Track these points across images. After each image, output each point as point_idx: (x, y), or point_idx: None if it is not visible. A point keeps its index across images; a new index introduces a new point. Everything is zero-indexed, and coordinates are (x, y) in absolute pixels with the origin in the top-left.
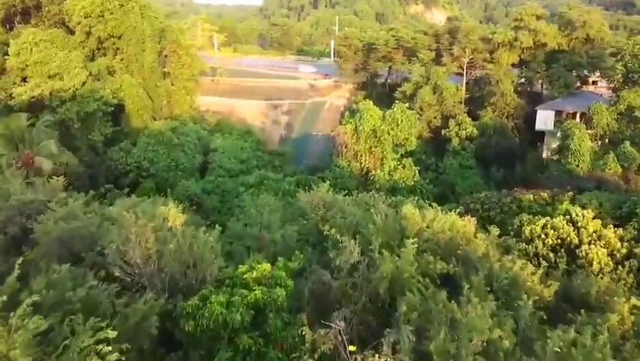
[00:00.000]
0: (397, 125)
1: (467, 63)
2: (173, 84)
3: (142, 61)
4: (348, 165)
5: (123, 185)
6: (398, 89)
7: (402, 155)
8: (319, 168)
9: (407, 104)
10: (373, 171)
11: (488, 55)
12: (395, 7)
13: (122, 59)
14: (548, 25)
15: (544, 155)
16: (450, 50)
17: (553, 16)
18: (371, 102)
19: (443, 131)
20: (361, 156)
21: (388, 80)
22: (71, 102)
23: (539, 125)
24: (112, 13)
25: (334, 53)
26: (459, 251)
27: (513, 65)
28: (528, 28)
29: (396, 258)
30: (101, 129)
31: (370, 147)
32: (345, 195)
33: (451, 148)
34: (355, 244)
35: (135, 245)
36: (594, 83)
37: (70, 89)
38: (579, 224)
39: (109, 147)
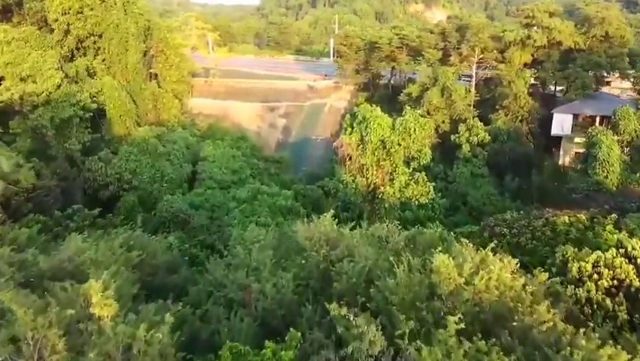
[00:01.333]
0: (410, 136)
1: (476, 63)
2: (160, 87)
3: (125, 61)
4: (353, 181)
5: (102, 199)
6: (403, 90)
7: (414, 169)
8: (319, 175)
9: (414, 108)
10: (382, 188)
11: (499, 54)
12: (395, 6)
13: (103, 60)
14: (564, 23)
15: (561, 162)
16: (458, 48)
17: (568, 13)
18: (378, 109)
19: (452, 137)
20: (368, 170)
21: (391, 81)
22: (44, 107)
23: (556, 129)
24: (92, 9)
25: (334, 53)
26: (515, 323)
27: (525, 65)
28: (541, 25)
29: (438, 354)
30: (79, 137)
31: (378, 160)
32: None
33: (462, 155)
34: (378, 330)
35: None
36: (607, 83)
37: (43, 92)
38: (639, 261)
39: (88, 157)
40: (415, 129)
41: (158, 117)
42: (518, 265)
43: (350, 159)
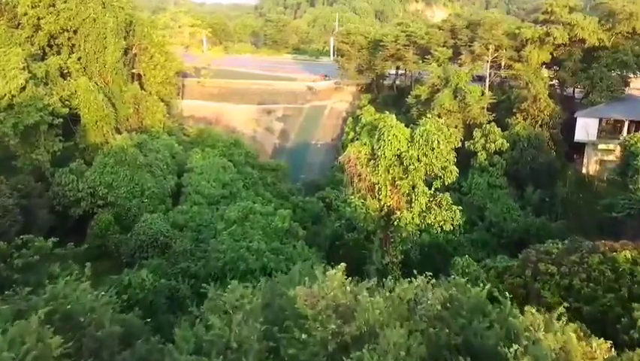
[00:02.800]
0: (432, 150)
1: (490, 62)
2: (143, 88)
3: (103, 60)
4: (363, 204)
5: (74, 217)
6: (411, 92)
7: (437, 189)
8: (319, 184)
9: (422, 111)
10: (398, 212)
11: (514, 52)
12: (395, 5)
13: (79, 59)
14: (586, 18)
15: (584, 170)
16: (470, 46)
17: (590, 8)
18: (393, 117)
19: (467, 144)
20: (380, 190)
21: (396, 82)
22: (6, 112)
23: (580, 135)
24: (65, 2)
25: (334, 52)
26: None
27: (543, 64)
28: (561, 21)
29: None
30: (48, 146)
31: (393, 179)
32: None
33: (477, 164)
34: None
35: None
36: (627, 84)
37: (5, 95)
38: None
39: (60, 168)
40: (438, 142)
41: (140, 123)
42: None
43: (359, 176)
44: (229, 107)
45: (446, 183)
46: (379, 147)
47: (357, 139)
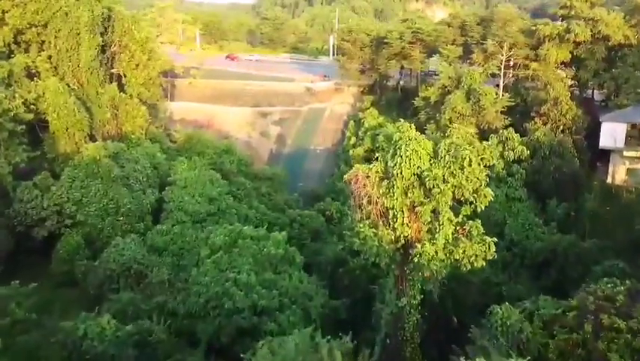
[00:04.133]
0: (461, 169)
1: (505, 61)
2: (123, 90)
3: (77, 59)
4: (375, 235)
5: (37, 239)
6: (419, 94)
7: (466, 217)
8: (319, 194)
9: (430, 114)
10: (418, 245)
11: (530, 51)
12: (395, 4)
13: (49, 57)
14: (610, 13)
15: (609, 180)
16: (482, 44)
17: (612, 3)
18: (412, 128)
19: None
20: (396, 217)
21: (401, 82)
22: None
23: (605, 141)
24: None
25: (334, 51)
26: None
27: (562, 63)
28: (581, 17)
29: None
30: (9, 156)
31: (413, 204)
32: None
33: (494, 174)
34: None
35: None
36: None
37: None
38: None
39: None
40: (469, 159)
41: (119, 129)
42: None
43: (369, 199)
44: (222, 110)
45: (478, 209)
46: (395, 165)
47: (360, 144)
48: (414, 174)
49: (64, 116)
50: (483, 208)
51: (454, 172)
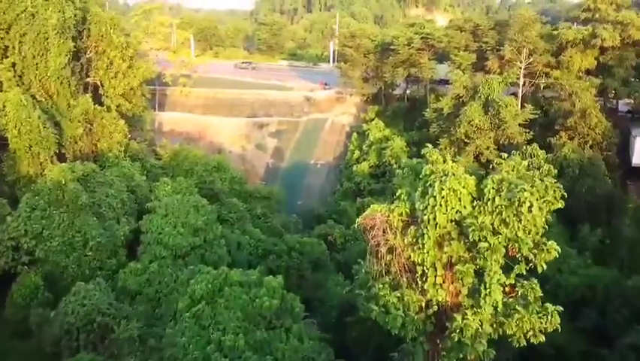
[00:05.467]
0: (517, 216)
1: (524, 69)
2: (100, 102)
3: (45, 67)
4: (399, 300)
5: None
6: (429, 105)
7: (520, 276)
8: (320, 214)
9: (442, 127)
10: (457, 315)
11: (552, 58)
12: (394, 10)
13: (13, 64)
14: None
15: None
16: (498, 50)
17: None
18: (448, 158)
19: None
20: (426, 275)
21: (407, 92)
22: None
23: (639, 158)
24: None
25: (334, 57)
26: None
27: (587, 71)
28: (607, 20)
29: None
30: None
31: (450, 260)
32: None
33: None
34: None
35: None
36: None
37: None
38: None
39: None
40: (529, 203)
41: (93, 146)
42: None
43: (390, 251)
44: (215, 121)
45: (539, 270)
46: (426, 207)
47: (364, 159)
48: (451, 221)
49: (27, 133)
50: (545, 268)
51: (508, 220)
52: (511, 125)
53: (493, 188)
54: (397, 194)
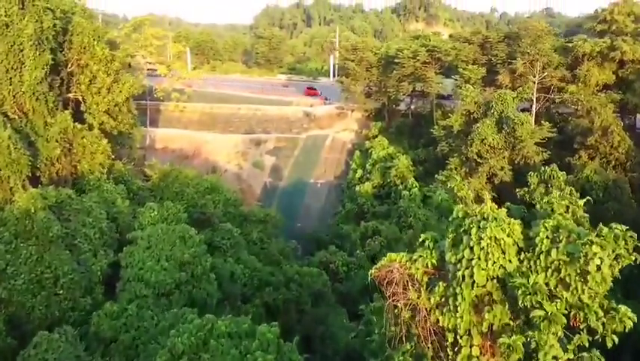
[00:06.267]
0: (582, 276)
1: (537, 83)
2: (81, 120)
3: (19, 81)
4: None
5: None
6: (436, 121)
7: (582, 348)
8: (320, 238)
9: (452, 145)
10: None
11: (567, 72)
12: (394, 24)
13: None
14: None
15: None
16: (509, 64)
17: None
18: (490, 202)
19: (518, 192)
20: (459, 345)
21: (411, 107)
22: None
23: None
24: None
25: (334, 71)
26: None
27: (605, 86)
28: (626, 32)
29: None
30: None
31: (491, 328)
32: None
33: (513, 207)
34: None
35: None
36: None
37: None
38: None
39: None
40: (599, 260)
41: (72, 168)
42: None
43: (412, 309)
44: (210, 137)
45: (609, 345)
46: (459, 260)
47: (368, 178)
48: (492, 279)
49: None
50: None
51: (569, 281)
52: (528, 145)
53: (547, 237)
54: (421, 239)
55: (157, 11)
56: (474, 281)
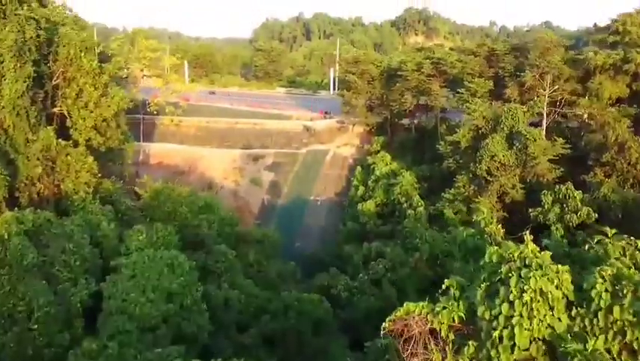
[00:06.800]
0: None
1: (548, 97)
2: (66, 136)
3: None
4: None
5: None
6: (442, 136)
7: None
8: (321, 259)
9: (460, 162)
10: None
11: (578, 85)
12: (394, 38)
13: None
14: None
15: None
16: (517, 76)
17: None
18: (528, 240)
19: (531, 212)
20: None
21: (415, 121)
22: None
23: None
24: None
25: (335, 85)
26: None
27: (618, 100)
28: (638, 44)
29: None
30: None
31: None
32: None
33: (552, 244)
34: None
35: None
36: None
37: None
38: None
39: None
40: None
41: (55, 188)
42: None
43: None
44: (206, 152)
45: None
46: (495, 317)
47: (370, 196)
48: (537, 340)
49: None
50: None
51: (638, 347)
52: (542, 162)
53: (605, 290)
54: (445, 285)
55: (157, 25)
56: (514, 343)
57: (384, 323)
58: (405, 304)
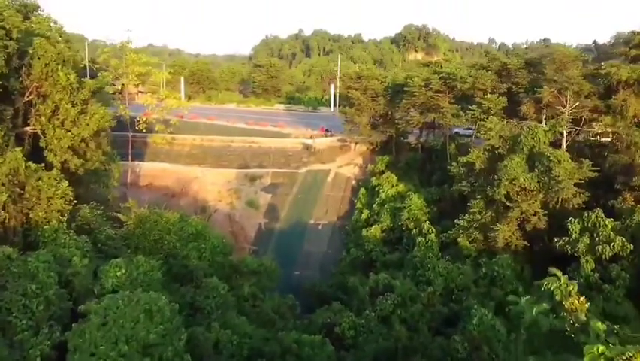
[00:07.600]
0: None
1: (568, 114)
2: (40, 158)
3: None
4: None
5: None
6: (452, 157)
7: None
8: (322, 291)
9: (474, 185)
10: None
11: (599, 101)
12: (394, 54)
13: None
14: None
15: None
16: (534, 92)
17: None
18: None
19: (557, 243)
20: None
21: (421, 139)
22: None
23: None
24: None
25: (335, 101)
26: None
27: None
28: None
29: None
30: None
31: None
32: None
33: (581, 277)
34: None
35: None
36: None
37: None
38: None
39: None
40: None
41: (23, 217)
42: None
43: None
44: (200, 172)
45: None
46: None
47: (375, 220)
48: None
49: None
50: None
51: None
52: (567, 186)
53: None
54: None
55: (157, 42)
56: None
57: None
58: None
